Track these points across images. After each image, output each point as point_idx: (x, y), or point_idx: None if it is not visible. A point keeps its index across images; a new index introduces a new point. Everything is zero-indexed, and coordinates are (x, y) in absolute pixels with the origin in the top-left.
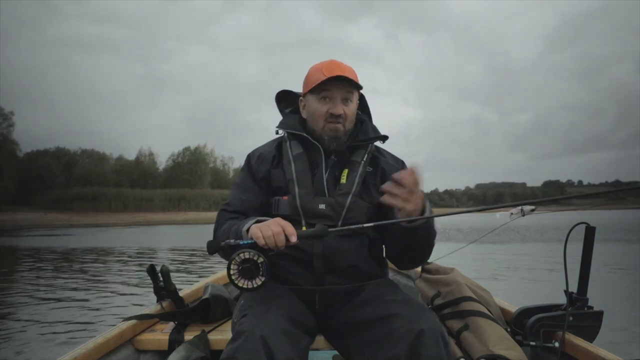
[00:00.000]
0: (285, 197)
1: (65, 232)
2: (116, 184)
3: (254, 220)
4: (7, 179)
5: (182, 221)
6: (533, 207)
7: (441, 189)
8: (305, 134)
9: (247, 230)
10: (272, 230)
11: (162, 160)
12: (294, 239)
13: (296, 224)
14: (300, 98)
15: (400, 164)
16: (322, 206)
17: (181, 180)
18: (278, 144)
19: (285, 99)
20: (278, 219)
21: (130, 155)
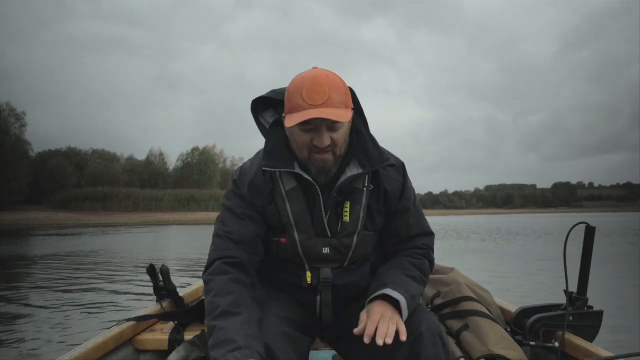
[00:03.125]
0: (284, 240)
1: (76, 231)
2: (127, 184)
3: None
4: (20, 179)
5: (192, 221)
6: None
7: (451, 191)
8: (298, 170)
9: None
10: None
11: (173, 161)
12: None
13: (299, 268)
14: (284, 115)
15: (401, 173)
16: (326, 250)
17: (191, 181)
18: (270, 173)
19: (263, 101)
20: None
21: (141, 156)
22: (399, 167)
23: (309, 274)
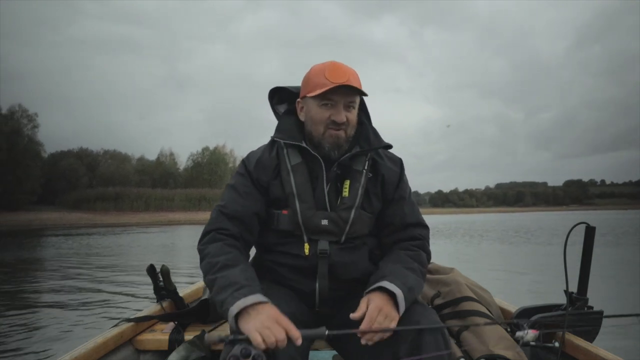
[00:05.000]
0: (285, 212)
1: (89, 231)
2: (138, 184)
3: (243, 303)
4: (33, 180)
5: (203, 221)
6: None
7: (461, 189)
8: (304, 144)
9: (236, 315)
10: (275, 336)
11: (183, 161)
12: (299, 342)
13: (298, 239)
14: (298, 100)
15: (398, 165)
16: (324, 222)
17: (201, 180)
18: (276, 151)
19: (279, 94)
20: (276, 316)
21: (152, 156)
22: (397, 161)
23: (306, 245)
